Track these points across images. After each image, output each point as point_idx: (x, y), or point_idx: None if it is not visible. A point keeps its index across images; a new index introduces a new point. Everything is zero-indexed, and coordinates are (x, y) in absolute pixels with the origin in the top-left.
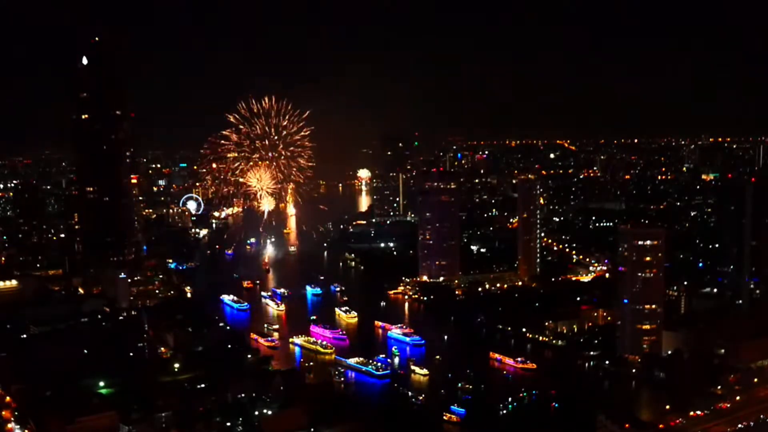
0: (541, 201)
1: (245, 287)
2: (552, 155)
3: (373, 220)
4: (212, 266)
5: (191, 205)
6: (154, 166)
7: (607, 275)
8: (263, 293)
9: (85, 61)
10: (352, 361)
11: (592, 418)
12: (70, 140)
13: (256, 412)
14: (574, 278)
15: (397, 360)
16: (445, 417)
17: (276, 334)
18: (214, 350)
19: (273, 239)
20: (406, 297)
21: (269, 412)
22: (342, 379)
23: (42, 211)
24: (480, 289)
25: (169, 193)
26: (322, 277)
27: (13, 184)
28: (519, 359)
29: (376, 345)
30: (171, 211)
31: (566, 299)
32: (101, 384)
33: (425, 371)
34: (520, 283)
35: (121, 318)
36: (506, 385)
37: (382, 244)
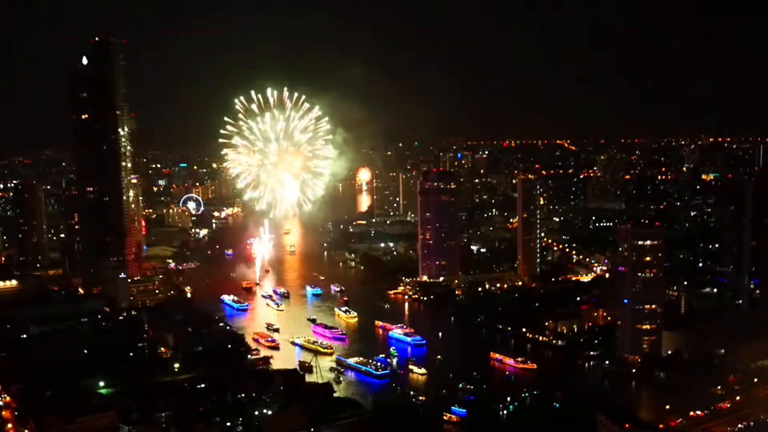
0: (541, 201)
1: (245, 287)
2: (552, 155)
3: (373, 220)
4: (212, 266)
5: (191, 205)
6: (154, 166)
7: (607, 275)
8: (263, 293)
9: (85, 61)
10: (352, 360)
11: (592, 418)
12: (70, 140)
13: (256, 412)
14: (574, 278)
15: (395, 360)
16: (445, 417)
17: (276, 334)
18: (214, 350)
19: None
20: (406, 297)
21: (269, 412)
22: (342, 378)
23: (42, 211)
24: (480, 289)
25: (169, 193)
26: (322, 277)
27: (13, 184)
28: (519, 359)
29: (375, 345)
30: (171, 211)
31: (566, 299)
32: (101, 384)
33: (423, 370)
34: (520, 283)
35: (121, 318)
36: (507, 385)
37: (382, 244)
